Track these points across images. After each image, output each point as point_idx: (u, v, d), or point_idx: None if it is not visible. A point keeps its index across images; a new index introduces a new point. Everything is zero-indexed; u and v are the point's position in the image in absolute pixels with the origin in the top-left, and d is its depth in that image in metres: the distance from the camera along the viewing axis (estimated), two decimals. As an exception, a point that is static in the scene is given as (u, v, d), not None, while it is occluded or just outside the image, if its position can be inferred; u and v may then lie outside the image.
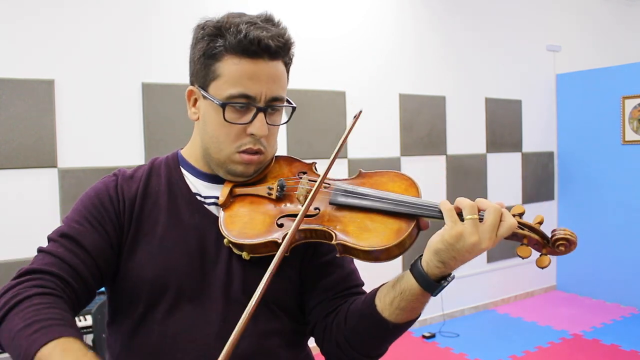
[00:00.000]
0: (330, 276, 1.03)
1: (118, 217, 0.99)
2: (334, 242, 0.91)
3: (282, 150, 3.56)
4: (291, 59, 1.03)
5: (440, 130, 4.53)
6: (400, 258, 4.11)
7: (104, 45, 3.11)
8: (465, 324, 4.50)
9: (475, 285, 4.80)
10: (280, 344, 1.01)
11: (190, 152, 1.07)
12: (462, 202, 0.86)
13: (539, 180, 5.22)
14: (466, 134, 4.70)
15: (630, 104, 4.77)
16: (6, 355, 0.87)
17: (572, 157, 5.27)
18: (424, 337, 4.19)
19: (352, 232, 0.92)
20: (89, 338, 2.84)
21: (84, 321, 2.73)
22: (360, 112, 1.03)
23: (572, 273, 5.32)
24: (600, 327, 4.33)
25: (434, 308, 4.49)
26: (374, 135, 4.14)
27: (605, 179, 4.97)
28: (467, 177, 4.69)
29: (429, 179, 4.37)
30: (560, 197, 5.36)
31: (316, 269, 1.04)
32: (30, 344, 0.77)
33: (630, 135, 4.79)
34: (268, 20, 0.97)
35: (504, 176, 4.96)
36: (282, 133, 3.73)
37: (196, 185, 1.05)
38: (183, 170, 1.06)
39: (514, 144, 5.06)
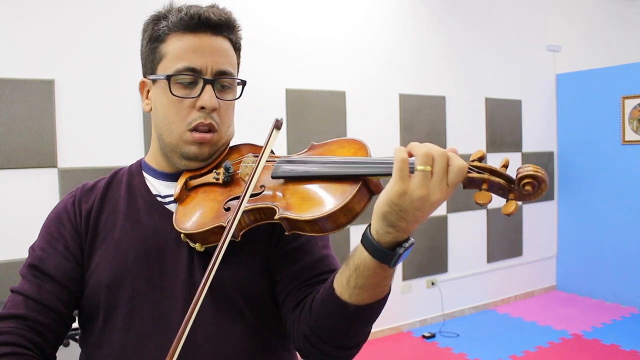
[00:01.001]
0: (297, 263, 0.95)
1: (77, 231, 0.99)
2: (276, 217, 0.83)
3: (282, 150, 3.56)
4: (239, 41, 1.01)
5: (440, 130, 4.53)
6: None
7: (104, 45, 3.11)
8: (465, 324, 4.50)
9: (475, 285, 4.80)
10: (252, 349, 0.94)
11: (150, 154, 1.06)
12: (415, 148, 0.72)
13: (539, 180, 5.21)
14: (466, 134, 4.70)
15: (630, 104, 4.77)
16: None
17: (572, 157, 5.27)
18: (424, 337, 4.19)
19: (294, 204, 0.84)
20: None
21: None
22: (281, 119, 0.92)
23: (572, 273, 5.32)
24: (600, 327, 4.33)
25: (434, 308, 4.50)
26: (374, 135, 4.13)
27: (605, 179, 4.97)
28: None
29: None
30: (560, 197, 5.35)
31: (283, 257, 0.96)
32: None
33: (630, 135, 4.78)
34: (212, 6, 0.98)
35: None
36: (282, 133, 3.72)
37: (156, 186, 1.03)
38: (145, 174, 1.05)
39: (514, 144, 5.06)
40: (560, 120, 5.37)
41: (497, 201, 0.76)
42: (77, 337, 2.77)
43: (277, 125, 0.91)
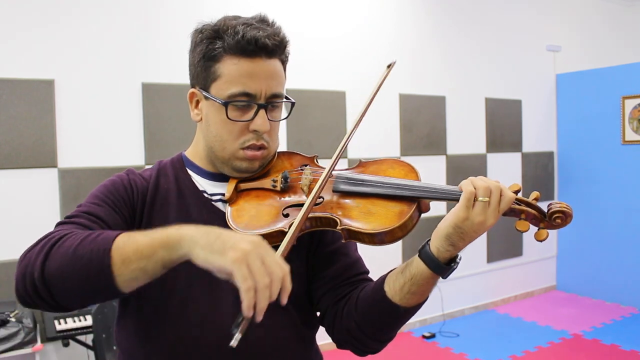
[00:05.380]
0: (336, 264, 1.06)
1: (132, 206, 1.01)
2: (339, 227, 0.93)
3: (282, 150, 3.56)
4: (287, 57, 1.06)
5: (440, 130, 4.53)
6: (400, 249, 4.03)
7: (104, 45, 3.11)
8: (465, 324, 4.50)
9: (475, 285, 4.80)
10: (291, 337, 1.04)
11: (194, 153, 1.10)
12: (476, 183, 0.89)
13: (539, 180, 5.21)
14: (466, 134, 4.70)
15: (630, 104, 4.77)
16: (6, 355, 0.86)
17: (572, 157, 5.27)
18: (424, 337, 4.19)
19: (356, 217, 0.94)
20: (89, 338, 2.84)
21: (84, 321, 2.73)
22: (395, 62, 1.08)
23: (572, 273, 5.32)
24: (600, 327, 4.33)
25: (434, 308, 4.50)
26: (374, 135, 4.14)
27: (605, 179, 4.97)
28: (467, 177, 4.66)
29: (429, 179, 4.33)
30: (560, 197, 5.35)
31: (322, 258, 1.07)
32: (102, 243, 0.79)
33: (630, 135, 4.79)
34: (263, 21, 1.01)
35: (504, 176, 4.95)
36: (282, 133, 3.73)
37: (202, 184, 1.08)
38: (189, 171, 1.09)
39: (514, 144, 5.06)
40: (560, 120, 5.37)
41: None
42: (77, 336, 2.76)
43: (390, 65, 1.09)
